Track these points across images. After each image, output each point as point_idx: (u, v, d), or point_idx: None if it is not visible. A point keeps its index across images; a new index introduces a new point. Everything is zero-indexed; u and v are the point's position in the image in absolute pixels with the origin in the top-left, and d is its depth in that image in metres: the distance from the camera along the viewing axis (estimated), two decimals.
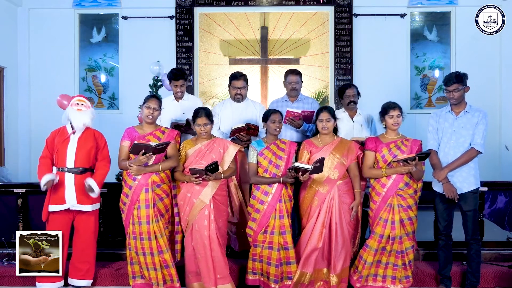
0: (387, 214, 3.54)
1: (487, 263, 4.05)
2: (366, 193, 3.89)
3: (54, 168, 3.67)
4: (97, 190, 3.61)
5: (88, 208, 3.69)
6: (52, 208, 3.64)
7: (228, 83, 4.31)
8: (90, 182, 3.60)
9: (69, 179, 3.64)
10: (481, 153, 3.52)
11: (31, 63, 6.56)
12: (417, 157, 3.39)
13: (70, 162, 3.64)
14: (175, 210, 3.72)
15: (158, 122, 3.85)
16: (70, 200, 3.63)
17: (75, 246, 3.75)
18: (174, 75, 4.16)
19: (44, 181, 3.53)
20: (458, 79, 3.51)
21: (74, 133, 3.70)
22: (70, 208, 3.66)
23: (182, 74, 4.19)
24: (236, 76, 4.21)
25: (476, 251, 3.61)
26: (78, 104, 3.73)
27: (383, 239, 3.54)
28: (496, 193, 4.69)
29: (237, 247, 4.02)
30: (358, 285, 3.65)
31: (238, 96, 4.21)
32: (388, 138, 3.64)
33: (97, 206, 3.77)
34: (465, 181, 3.54)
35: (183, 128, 4.05)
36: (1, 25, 6.14)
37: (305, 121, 4.10)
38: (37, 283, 3.72)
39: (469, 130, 3.53)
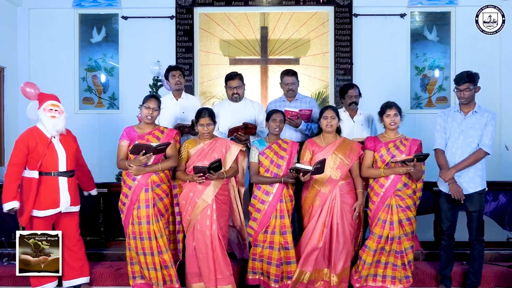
0: (385, 214, 3.54)
1: (487, 263, 4.04)
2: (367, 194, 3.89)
3: (36, 173, 3.52)
4: (94, 193, 4.06)
5: (77, 208, 3.71)
6: (45, 213, 3.56)
7: (224, 84, 4.32)
8: (92, 192, 4.01)
9: (63, 183, 3.59)
10: (489, 154, 3.49)
11: (31, 63, 6.55)
12: (415, 159, 3.38)
13: (62, 167, 3.59)
14: (176, 209, 3.72)
15: (157, 121, 3.85)
16: (64, 203, 3.60)
17: (65, 247, 3.68)
18: (171, 66, 4.39)
19: (9, 207, 3.47)
20: (470, 78, 3.48)
21: (54, 137, 3.62)
22: (62, 211, 3.62)
23: (179, 66, 4.46)
24: (231, 76, 4.22)
25: (479, 251, 3.60)
26: (51, 110, 3.60)
27: (382, 239, 3.53)
28: (496, 193, 4.69)
29: (238, 254, 4.01)
30: (357, 285, 3.65)
31: (236, 95, 4.21)
32: (387, 138, 3.64)
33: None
34: (472, 181, 3.52)
35: (187, 129, 4.05)
36: (1, 25, 6.14)
37: (303, 120, 4.10)
38: None
39: (477, 131, 3.50)
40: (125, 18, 6.54)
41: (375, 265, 3.61)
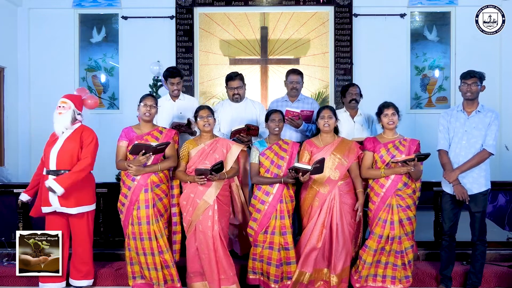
0: (386, 214, 3.53)
1: (487, 263, 4.03)
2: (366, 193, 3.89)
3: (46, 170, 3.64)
4: (58, 190, 3.48)
5: (72, 211, 3.59)
6: (44, 209, 3.62)
7: (225, 84, 4.31)
8: (50, 183, 3.49)
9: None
10: (493, 154, 3.47)
11: (31, 63, 6.56)
12: (416, 158, 3.38)
13: (52, 165, 3.59)
14: (173, 210, 3.72)
15: (154, 122, 3.85)
16: (54, 203, 3.59)
17: (73, 248, 3.74)
18: (170, 73, 4.20)
19: (20, 197, 3.89)
20: (478, 74, 3.50)
21: (63, 132, 3.66)
22: (57, 210, 3.61)
23: (178, 71, 4.24)
24: (232, 77, 4.20)
25: (481, 252, 3.58)
26: (59, 107, 3.64)
27: (382, 239, 3.53)
28: (496, 193, 4.70)
29: (240, 251, 4.00)
30: (357, 285, 3.65)
31: (236, 96, 4.20)
32: (386, 138, 3.64)
33: (85, 208, 3.65)
34: (476, 182, 3.50)
35: (183, 128, 4.04)
36: (1, 25, 6.14)
37: (304, 121, 4.10)
38: (40, 284, 3.72)
39: (481, 131, 3.48)
40: (125, 18, 6.54)
41: (375, 265, 3.61)
